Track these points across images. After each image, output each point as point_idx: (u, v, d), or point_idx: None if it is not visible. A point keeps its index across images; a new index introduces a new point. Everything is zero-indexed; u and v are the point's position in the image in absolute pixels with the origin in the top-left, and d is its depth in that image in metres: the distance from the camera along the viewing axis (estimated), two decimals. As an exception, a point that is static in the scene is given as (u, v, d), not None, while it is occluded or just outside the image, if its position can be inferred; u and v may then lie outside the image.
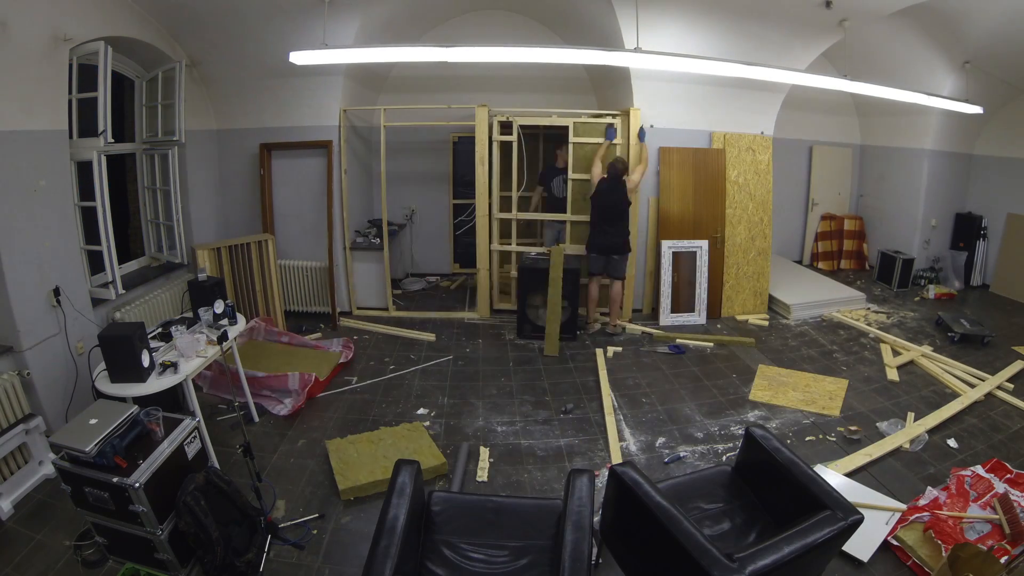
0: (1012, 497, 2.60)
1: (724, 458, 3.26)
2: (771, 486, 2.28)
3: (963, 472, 2.87)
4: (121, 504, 2.10)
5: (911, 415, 3.66)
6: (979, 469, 2.87)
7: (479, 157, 5.11)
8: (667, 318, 5.30)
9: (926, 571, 2.37)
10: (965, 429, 3.55)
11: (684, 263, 5.33)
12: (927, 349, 4.74)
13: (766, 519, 2.26)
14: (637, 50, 3.59)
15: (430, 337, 4.92)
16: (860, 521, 1.87)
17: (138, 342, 2.65)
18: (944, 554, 2.35)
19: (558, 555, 1.81)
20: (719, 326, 5.31)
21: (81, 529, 2.45)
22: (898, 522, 2.61)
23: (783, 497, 2.19)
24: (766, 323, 5.41)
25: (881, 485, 2.99)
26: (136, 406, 2.32)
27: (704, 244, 5.32)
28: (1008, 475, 2.83)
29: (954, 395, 3.98)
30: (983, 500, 2.65)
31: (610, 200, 4.76)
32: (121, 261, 4.05)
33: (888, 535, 2.56)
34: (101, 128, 3.44)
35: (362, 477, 2.91)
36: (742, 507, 2.33)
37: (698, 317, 5.38)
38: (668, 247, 5.26)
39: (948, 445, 3.33)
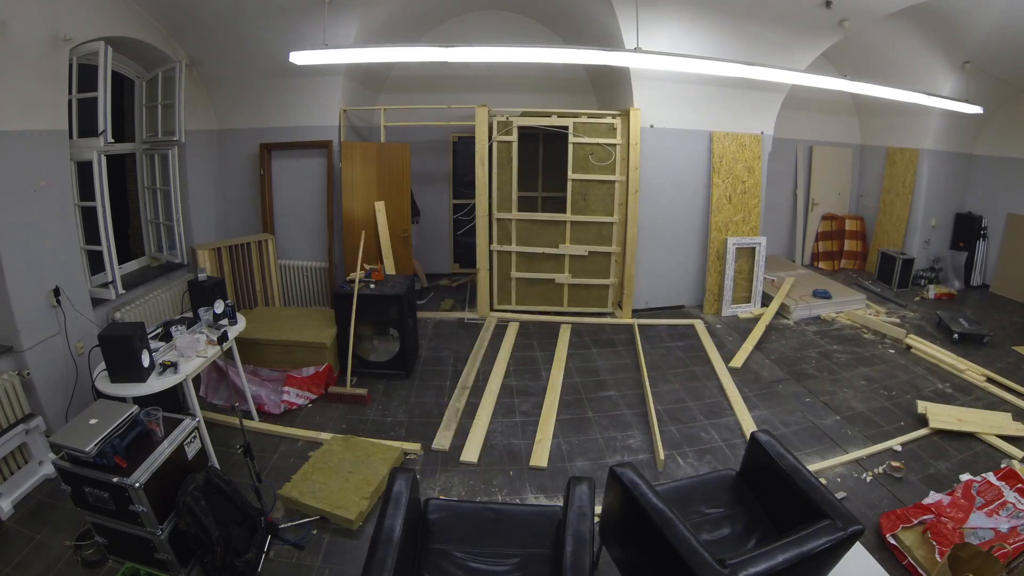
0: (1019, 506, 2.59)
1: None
2: (774, 493, 2.25)
3: (973, 478, 2.86)
4: (121, 504, 2.10)
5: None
6: (990, 476, 2.85)
7: (479, 157, 5.10)
8: (728, 308, 5.58)
9: (920, 572, 2.38)
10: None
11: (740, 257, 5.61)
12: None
13: (767, 526, 2.23)
14: (637, 50, 3.59)
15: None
16: (860, 532, 1.83)
17: (138, 342, 2.65)
18: (938, 556, 2.35)
19: (559, 565, 1.79)
20: (719, 326, 5.31)
21: (81, 529, 2.45)
22: (900, 522, 2.61)
23: (785, 504, 2.16)
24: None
25: (881, 486, 3.00)
26: (136, 406, 2.33)
27: (763, 240, 5.58)
28: (1020, 484, 2.76)
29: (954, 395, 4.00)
30: (990, 508, 2.63)
31: None
32: (121, 261, 4.05)
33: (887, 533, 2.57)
34: (101, 128, 3.43)
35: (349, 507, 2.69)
36: (744, 513, 2.30)
37: (753, 307, 5.66)
38: (733, 243, 5.45)
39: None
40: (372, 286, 4.10)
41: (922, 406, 3.70)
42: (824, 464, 3.17)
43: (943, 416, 3.58)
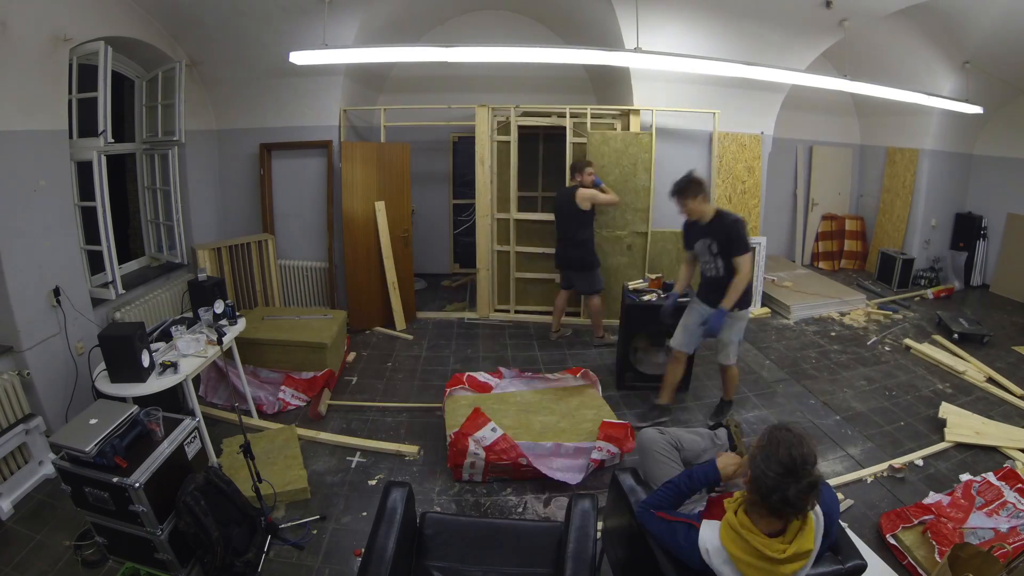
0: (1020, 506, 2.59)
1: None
2: None
3: (973, 478, 2.86)
4: (121, 504, 2.10)
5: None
6: (990, 476, 2.85)
7: (479, 157, 5.10)
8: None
9: (920, 572, 2.38)
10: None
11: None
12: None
13: None
14: (637, 50, 3.59)
15: (408, 337, 4.96)
16: (863, 568, 1.69)
17: (138, 342, 2.65)
18: (937, 556, 2.35)
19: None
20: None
21: (81, 529, 2.45)
22: (901, 522, 2.61)
23: None
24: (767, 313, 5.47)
25: (881, 486, 3.00)
26: (136, 406, 2.33)
27: (763, 240, 5.52)
28: (1020, 484, 2.77)
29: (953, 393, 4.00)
30: (990, 508, 2.63)
31: (559, 209, 4.55)
32: (121, 261, 4.04)
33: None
34: (101, 128, 3.43)
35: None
36: None
37: (753, 307, 5.56)
38: None
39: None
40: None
41: (943, 410, 3.66)
42: (847, 478, 3.07)
43: (962, 428, 3.49)
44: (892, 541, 2.55)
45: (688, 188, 3.18)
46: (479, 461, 2.93)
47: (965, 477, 2.97)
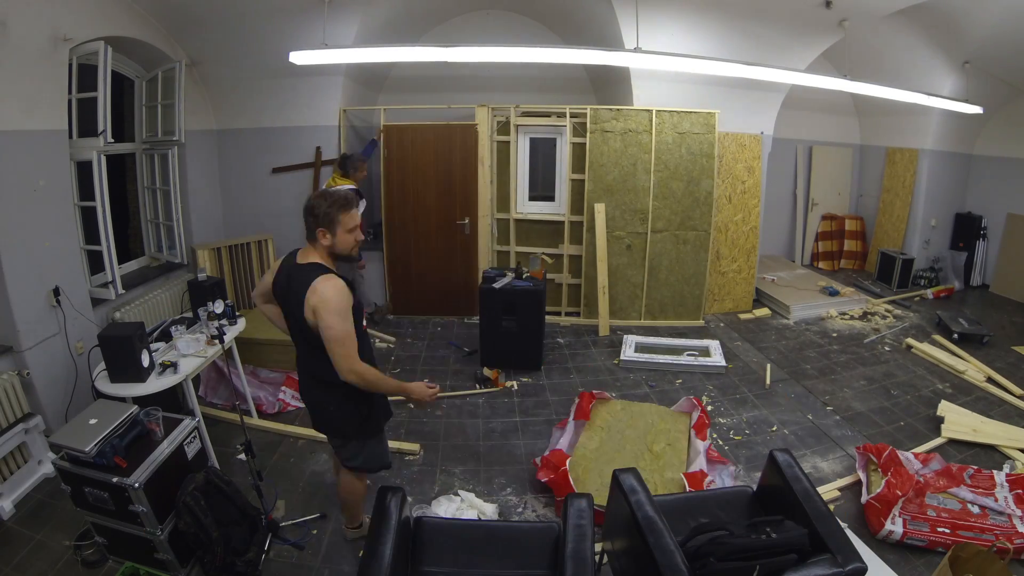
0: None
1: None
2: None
3: (971, 467, 2.90)
4: (121, 504, 2.11)
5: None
6: (995, 472, 2.88)
7: (479, 157, 5.10)
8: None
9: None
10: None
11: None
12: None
13: None
14: (637, 50, 3.59)
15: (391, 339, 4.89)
16: (862, 571, 1.70)
17: (138, 342, 2.65)
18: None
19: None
20: (722, 325, 5.32)
21: (81, 529, 2.45)
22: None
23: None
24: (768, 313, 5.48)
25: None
26: (136, 406, 2.33)
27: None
28: (1018, 490, 2.75)
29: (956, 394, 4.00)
30: (976, 489, 2.72)
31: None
32: (121, 261, 4.04)
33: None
34: (101, 128, 3.43)
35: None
36: None
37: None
38: None
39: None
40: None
41: (942, 408, 3.67)
42: (847, 478, 3.07)
43: (959, 425, 3.49)
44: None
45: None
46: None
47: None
